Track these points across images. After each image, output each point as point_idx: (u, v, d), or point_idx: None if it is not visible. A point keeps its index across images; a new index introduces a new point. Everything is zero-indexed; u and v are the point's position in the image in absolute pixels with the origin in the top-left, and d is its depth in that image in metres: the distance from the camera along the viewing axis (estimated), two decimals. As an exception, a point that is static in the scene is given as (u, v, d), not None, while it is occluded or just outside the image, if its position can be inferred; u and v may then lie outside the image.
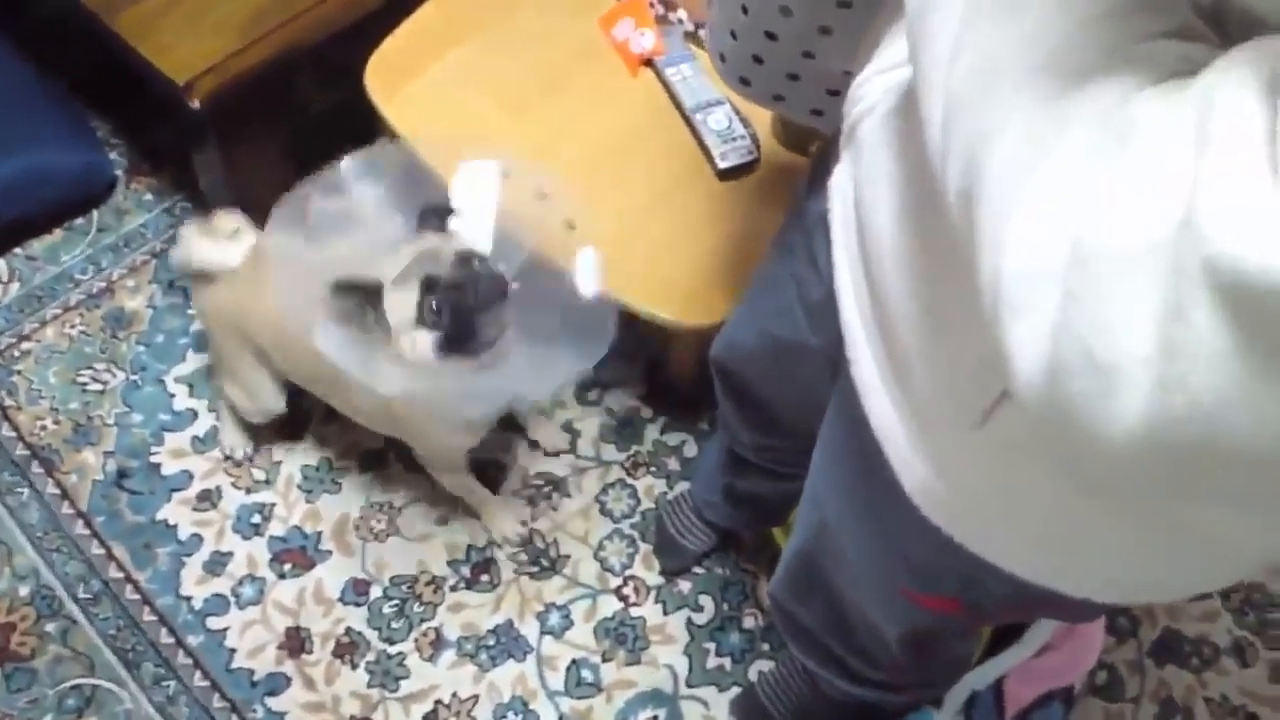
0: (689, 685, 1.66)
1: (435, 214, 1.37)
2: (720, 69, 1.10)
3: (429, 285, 1.27)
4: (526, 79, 1.71)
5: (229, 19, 1.62)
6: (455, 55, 1.73)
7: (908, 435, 0.73)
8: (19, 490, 1.73)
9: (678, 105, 1.69)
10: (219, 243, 1.61)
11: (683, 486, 1.80)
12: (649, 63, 1.72)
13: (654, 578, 1.73)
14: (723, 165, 1.63)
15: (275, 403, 1.68)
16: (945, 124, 0.55)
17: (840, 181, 0.83)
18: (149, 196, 2.04)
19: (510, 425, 1.83)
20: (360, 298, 1.28)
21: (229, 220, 1.61)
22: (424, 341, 1.27)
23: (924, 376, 0.71)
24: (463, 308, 1.27)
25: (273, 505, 1.75)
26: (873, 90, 0.80)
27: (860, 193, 0.79)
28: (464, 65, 1.73)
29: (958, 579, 0.83)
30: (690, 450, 1.85)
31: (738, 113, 1.67)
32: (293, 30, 1.64)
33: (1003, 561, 0.72)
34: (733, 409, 1.38)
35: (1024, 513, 0.70)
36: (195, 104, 1.58)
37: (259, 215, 1.65)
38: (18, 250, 1.95)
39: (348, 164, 1.53)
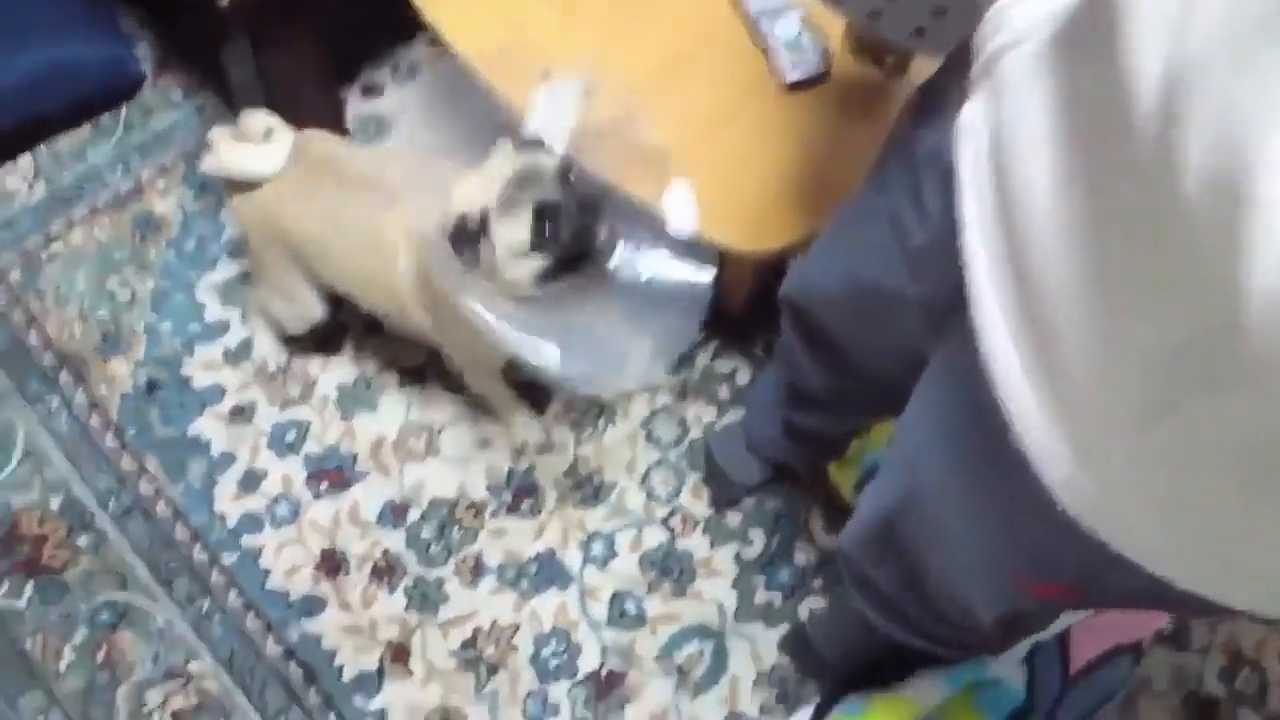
0: (736, 620, 1.60)
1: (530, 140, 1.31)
2: None
3: (541, 213, 1.23)
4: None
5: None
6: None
7: (1051, 423, 0.64)
8: (48, 398, 1.67)
9: (742, 11, 1.57)
10: (252, 146, 1.52)
11: (734, 415, 1.73)
12: (711, -38, 1.60)
13: (702, 509, 1.67)
14: (791, 78, 1.51)
15: (316, 310, 1.60)
16: (1171, 86, 0.46)
17: (973, 121, 0.73)
18: (178, 94, 1.94)
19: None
20: (468, 228, 1.24)
21: (259, 121, 1.52)
22: (536, 266, 1.25)
23: (1080, 362, 0.61)
24: (582, 229, 1.24)
25: (308, 423, 1.69)
26: (1020, 17, 0.69)
27: (1003, 139, 0.68)
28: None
29: (1081, 570, 0.75)
30: (743, 378, 1.77)
31: (808, 20, 1.55)
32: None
33: (1155, 565, 0.64)
34: (803, 349, 1.30)
35: (1192, 519, 0.61)
36: (224, 1, 1.47)
37: (293, 114, 1.56)
38: (43, 148, 1.87)
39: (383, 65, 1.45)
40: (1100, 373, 0.61)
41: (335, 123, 1.84)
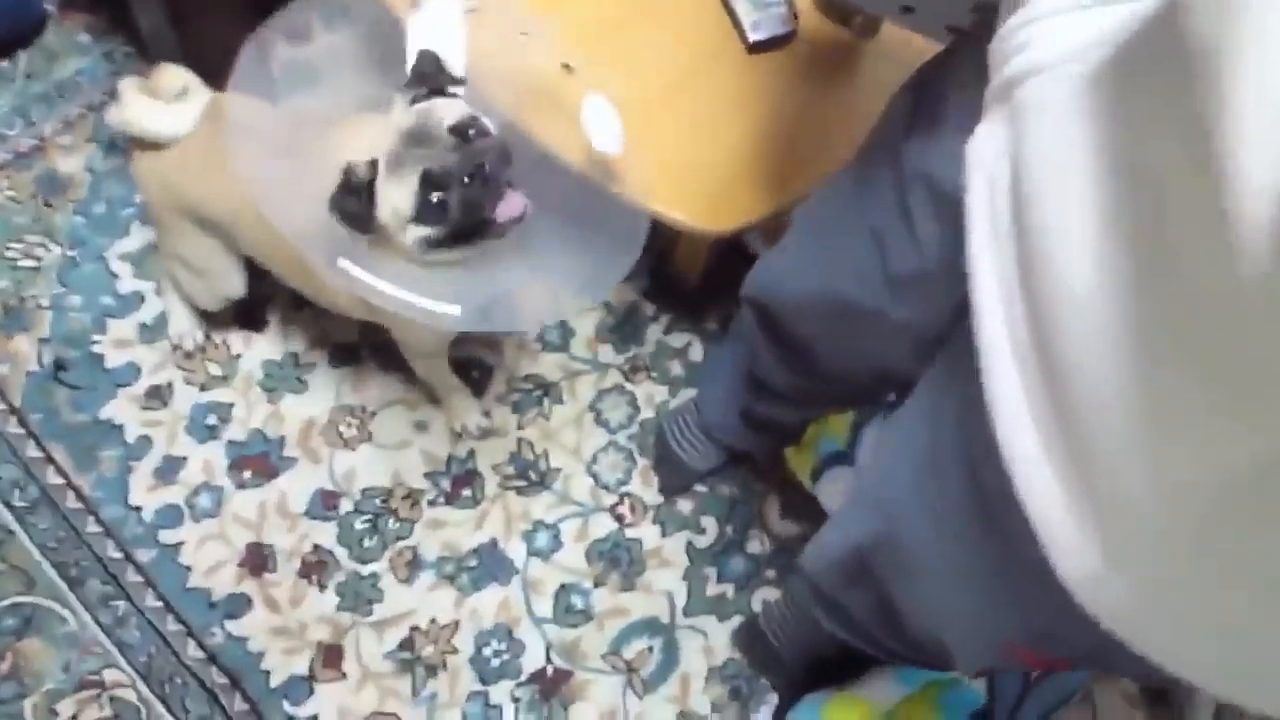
0: (686, 614, 1.53)
1: (424, 77, 1.15)
2: None
3: (428, 180, 1.07)
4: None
5: None
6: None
7: (1075, 516, 0.55)
8: (-57, 381, 1.54)
9: (701, -39, 1.44)
10: (164, 103, 1.37)
11: (687, 395, 1.64)
12: (668, -93, 1.46)
13: (652, 496, 1.58)
14: (754, 37, 1.39)
15: (234, 286, 1.48)
16: None
17: (986, 153, 0.62)
18: (84, 38, 1.77)
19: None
20: (353, 184, 1.09)
21: (174, 76, 1.38)
22: (423, 236, 1.10)
23: (1122, 466, 0.52)
24: (473, 201, 1.08)
25: (230, 405, 1.57)
26: (1047, 35, 0.58)
27: (1026, 181, 0.58)
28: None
29: (1085, 649, 0.67)
30: (695, 354, 1.67)
31: (773, -27, 1.42)
32: None
33: (1189, 672, 0.56)
34: (768, 348, 1.20)
35: (1248, 636, 0.53)
36: (126, -61, 1.32)
37: (209, 68, 1.40)
38: (-68, 98, 1.70)
39: (311, 7, 1.30)
40: (1148, 483, 0.51)
41: (258, 73, 1.69)
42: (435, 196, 1.08)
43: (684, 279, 1.70)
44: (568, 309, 1.55)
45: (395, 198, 1.09)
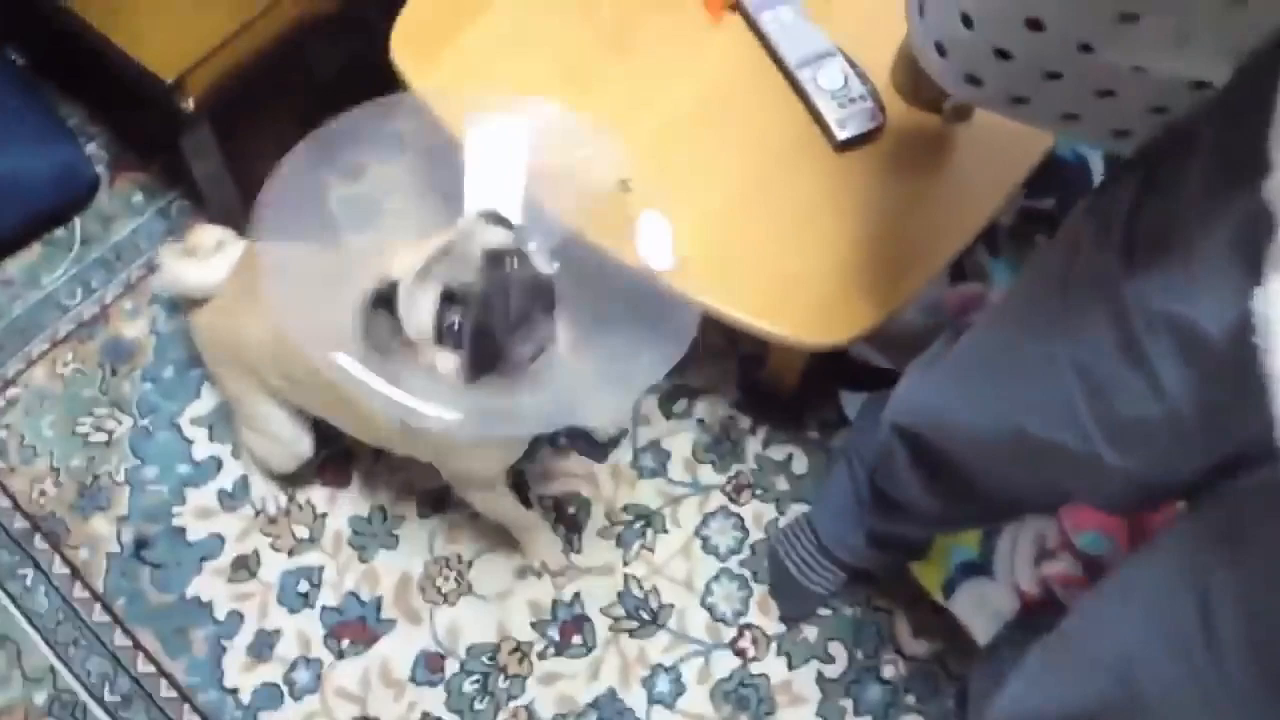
0: (826, 752, 1.42)
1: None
2: (932, 64, 0.79)
3: (448, 297, 1.00)
4: (586, 37, 1.39)
5: (218, -6, 1.30)
6: (495, 13, 1.41)
7: None
8: (22, 572, 1.47)
9: (777, 60, 1.37)
10: (203, 260, 1.36)
11: (796, 510, 1.54)
12: (735, 6, 1.40)
13: (773, 625, 1.48)
14: (842, 135, 1.32)
15: (300, 444, 1.42)
16: None
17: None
18: (138, 197, 1.73)
19: (588, 447, 1.56)
20: (384, 303, 1.02)
21: (208, 234, 1.38)
22: (447, 362, 1.02)
23: None
24: (487, 327, 1.00)
25: (321, 568, 1.49)
26: None
27: None
28: (508, 24, 1.41)
29: None
30: (799, 465, 1.57)
31: (854, 65, 1.35)
32: (296, 2, 1.32)
33: None
34: (918, 475, 1.11)
35: None
36: (188, 105, 1.27)
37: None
38: (-9, 274, 1.66)
39: (361, 144, 1.25)
40: None
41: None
42: (452, 319, 1.00)
43: (780, 389, 1.61)
44: (623, 396, 1.44)
45: (414, 312, 1.01)
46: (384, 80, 1.31)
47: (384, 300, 1.02)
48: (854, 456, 1.34)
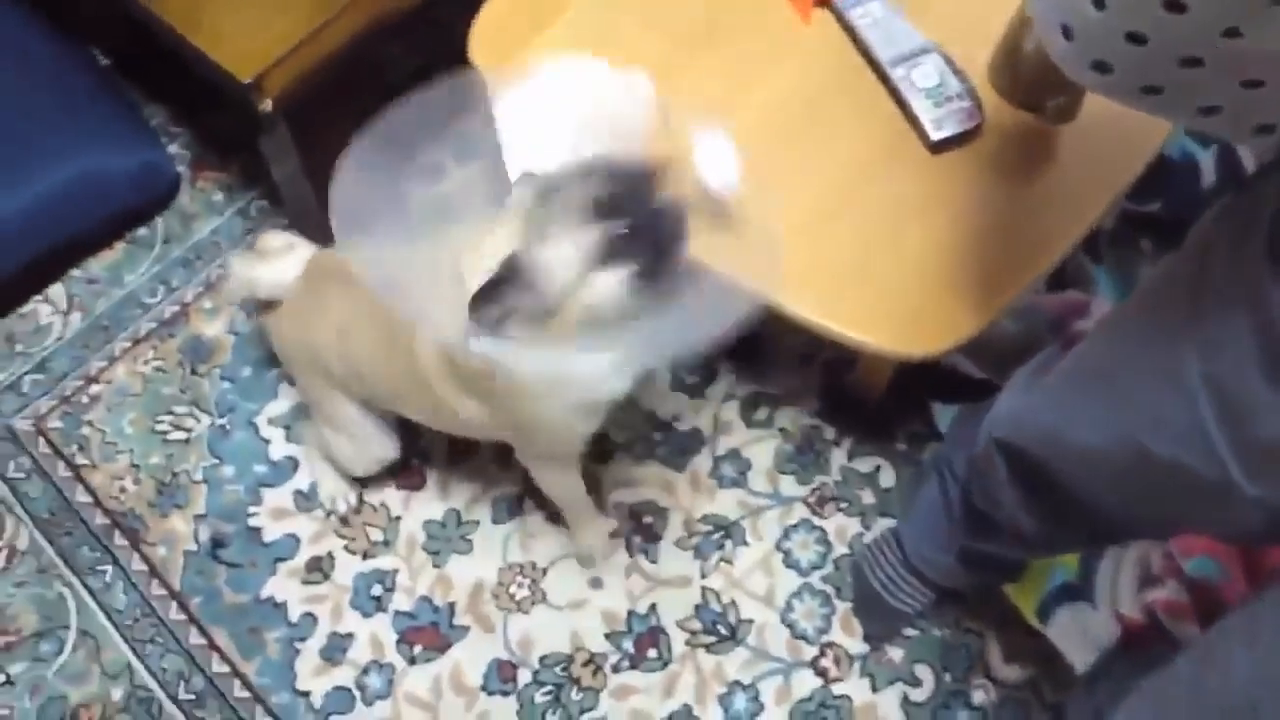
0: (911, 779, 1.36)
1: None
2: (1057, 47, 0.73)
3: (605, 210, 0.92)
4: (670, 35, 1.35)
5: (296, -8, 1.28)
6: (575, 12, 1.37)
7: None
8: (102, 569, 1.47)
9: (869, 58, 1.31)
10: (273, 264, 1.36)
11: (882, 525, 1.48)
12: (825, 3, 1.35)
13: (857, 645, 1.42)
14: (936, 136, 1.25)
15: (385, 447, 1.41)
16: None
17: None
18: (218, 196, 1.73)
19: (668, 460, 1.52)
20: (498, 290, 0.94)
21: (277, 238, 1.39)
22: (611, 282, 0.94)
23: None
24: (662, 218, 0.94)
25: (395, 572, 1.47)
26: None
27: None
28: (587, 24, 1.37)
29: None
30: (886, 478, 1.52)
31: (950, 63, 1.29)
32: (374, 1, 1.30)
33: None
34: (1020, 496, 1.05)
35: None
36: (266, 104, 1.25)
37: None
38: (75, 272, 1.67)
39: (442, 145, 1.21)
40: None
41: (395, 213, 1.64)
42: (621, 227, 0.91)
43: (865, 395, 1.55)
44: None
45: (561, 256, 0.93)
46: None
47: (505, 278, 0.93)
48: (946, 471, 1.28)
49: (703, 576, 1.46)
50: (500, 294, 0.94)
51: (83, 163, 1.59)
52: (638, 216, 0.94)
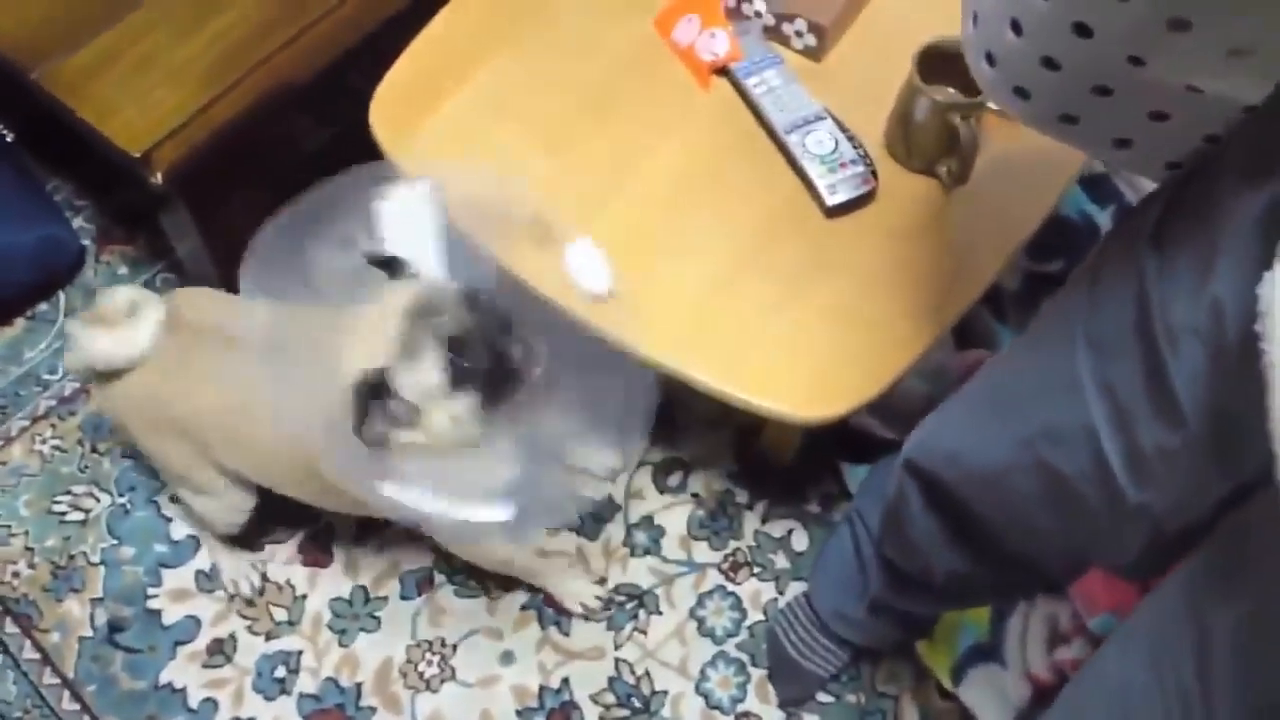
0: None
1: (384, 263, 1.08)
2: (983, 75, 0.77)
3: (454, 344, 1.00)
4: (569, 102, 1.36)
5: (187, 67, 1.27)
6: (478, 80, 1.38)
7: None
8: (-9, 658, 1.42)
9: (765, 125, 1.33)
10: (118, 329, 1.25)
11: (796, 589, 1.47)
12: (722, 71, 1.36)
13: (773, 712, 1.40)
14: (832, 200, 1.27)
15: (245, 499, 1.35)
16: None
17: None
18: (123, 269, 1.71)
19: (581, 528, 1.50)
20: (370, 392, 1.00)
21: (121, 297, 1.27)
22: (462, 407, 1.02)
23: None
24: (501, 354, 1.02)
25: (299, 653, 1.43)
26: None
27: None
28: (489, 92, 1.37)
29: None
30: (800, 541, 1.51)
31: (844, 129, 1.31)
32: (270, 71, 1.30)
33: None
34: (934, 528, 1.06)
35: None
36: (156, 178, 1.24)
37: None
38: (-29, 351, 1.63)
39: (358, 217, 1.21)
40: None
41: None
42: (464, 360, 1.01)
43: (777, 459, 1.55)
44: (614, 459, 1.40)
45: (420, 379, 1.00)
46: (368, 149, 1.28)
47: (374, 389, 0.99)
48: (858, 520, 1.28)
49: (616, 648, 1.43)
50: (377, 400, 1.00)
51: (-20, 239, 1.56)
52: (490, 356, 1.02)
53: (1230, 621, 0.63)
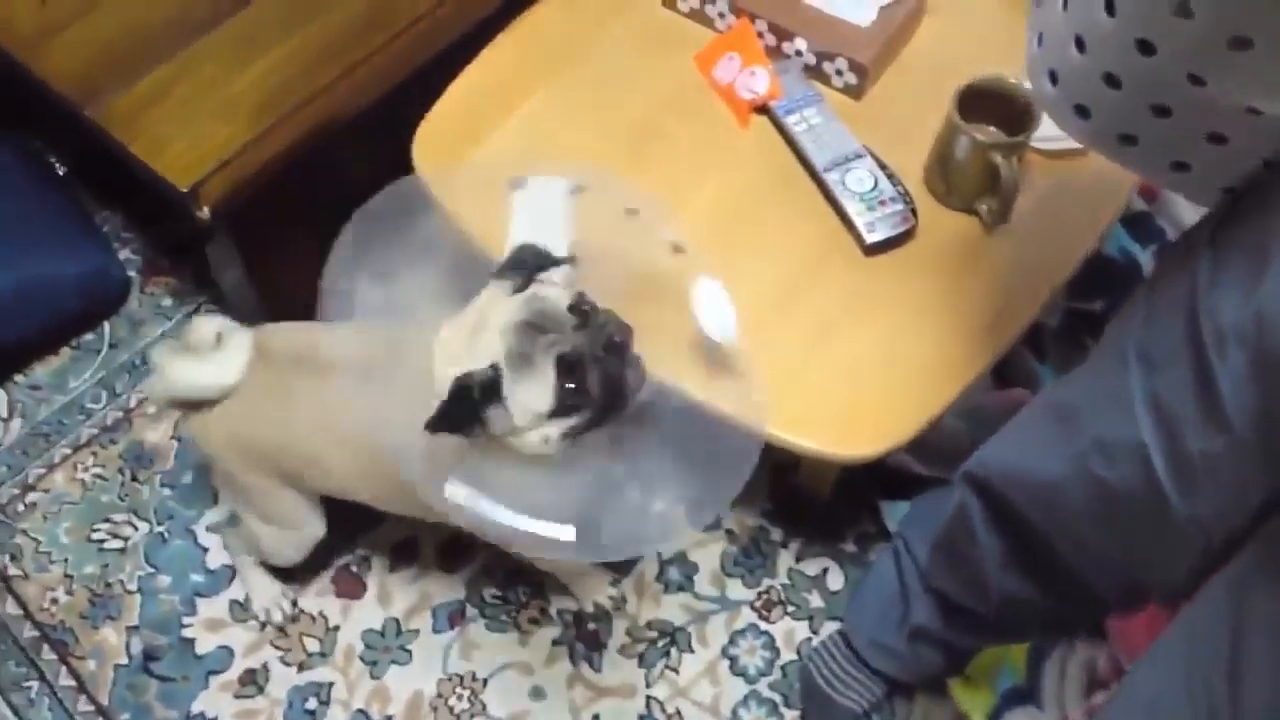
0: None
1: (522, 264, 1.05)
2: (1045, 94, 0.79)
3: (565, 367, 0.97)
4: (610, 141, 1.37)
5: (237, 102, 1.30)
6: (519, 117, 1.39)
7: None
8: (27, 685, 1.42)
9: (804, 162, 1.33)
10: (204, 357, 1.27)
11: (830, 629, 1.45)
12: (763, 109, 1.37)
13: (806, 754, 1.39)
14: (871, 238, 1.27)
15: (317, 526, 1.36)
16: None
17: None
18: (168, 301, 1.73)
19: (613, 563, 1.49)
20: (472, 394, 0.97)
21: (207, 327, 1.28)
22: (560, 429, 1.00)
23: None
24: (611, 377, 0.99)
25: (331, 684, 1.42)
26: None
27: None
28: (529, 130, 1.39)
29: None
30: (835, 580, 1.49)
31: (884, 167, 1.31)
32: (319, 108, 1.32)
33: None
34: (998, 546, 1.06)
35: None
36: (204, 212, 1.26)
37: (293, 309, 1.32)
38: (18, 378, 1.66)
39: (395, 249, 1.22)
40: None
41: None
42: (575, 383, 0.98)
43: (812, 496, 1.54)
44: (682, 532, 1.42)
45: (530, 397, 0.98)
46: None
47: (485, 390, 0.97)
48: (903, 548, 1.26)
49: (647, 685, 1.42)
50: (464, 402, 0.97)
51: (30, 269, 1.59)
52: (600, 382, 0.99)
53: (1265, 616, 0.64)
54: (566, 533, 1.02)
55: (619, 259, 1.15)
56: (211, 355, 1.26)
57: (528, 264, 1.05)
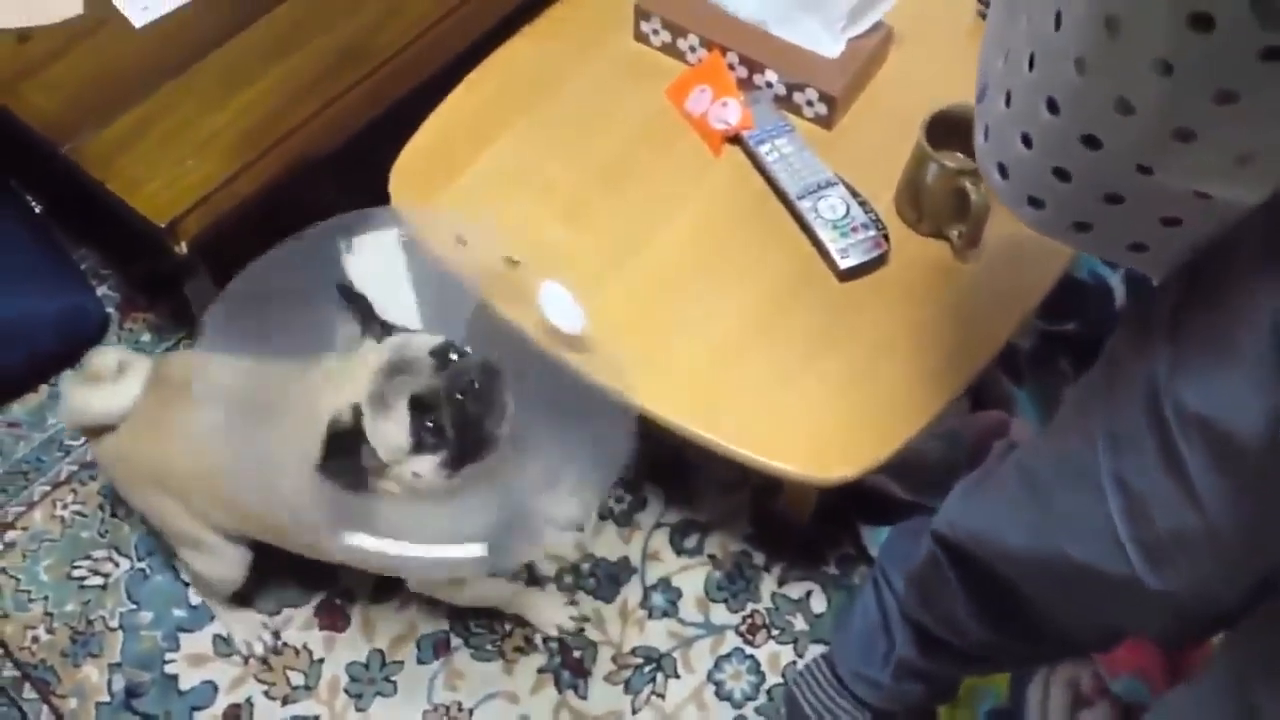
0: None
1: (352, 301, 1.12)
2: (996, 185, 0.79)
3: (419, 405, 1.03)
4: (586, 171, 1.39)
5: (214, 140, 1.30)
6: (494, 151, 1.41)
7: None
8: (8, 725, 1.42)
9: (777, 191, 1.36)
10: (107, 386, 1.29)
11: (814, 651, 1.46)
12: (735, 140, 1.40)
13: (793, 778, 1.39)
14: (844, 264, 1.29)
15: (242, 554, 1.36)
16: None
17: None
18: (147, 336, 1.73)
19: (597, 590, 1.50)
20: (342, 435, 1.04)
21: (108, 357, 1.31)
22: (426, 466, 1.06)
23: None
24: (467, 418, 1.05)
25: (316, 718, 1.42)
26: None
27: None
28: (506, 162, 1.41)
29: None
30: (818, 603, 1.50)
31: (855, 195, 1.33)
32: (296, 143, 1.33)
33: None
34: (965, 599, 1.06)
35: None
36: (182, 247, 1.27)
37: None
38: (-5, 417, 1.66)
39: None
40: None
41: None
42: (429, 421, 1.04)
43: (794, 520, 1.55)
44: (579, 510, 1.45)
45: (388, 434, 1.04)
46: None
47: (350, 434, 1.03)
48: (882, 582, 1.27)
49: (634, 712, 1.42)
50: (339, 445, 1.03)
51: (7, 307, 1.59)
52: (456, 419, 1.04)
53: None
54: (476, 549, 1.08)
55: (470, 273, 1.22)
56: (110, 383, 1.29)
57: (368, 318, 1.12)
